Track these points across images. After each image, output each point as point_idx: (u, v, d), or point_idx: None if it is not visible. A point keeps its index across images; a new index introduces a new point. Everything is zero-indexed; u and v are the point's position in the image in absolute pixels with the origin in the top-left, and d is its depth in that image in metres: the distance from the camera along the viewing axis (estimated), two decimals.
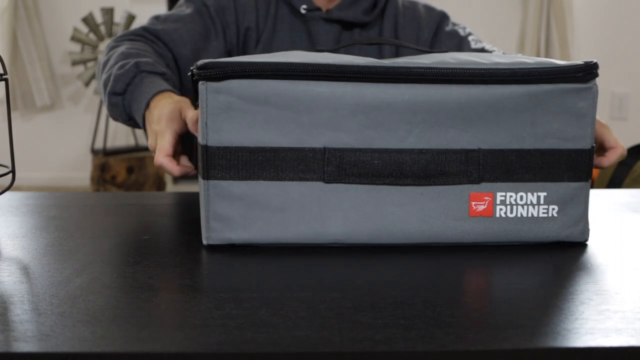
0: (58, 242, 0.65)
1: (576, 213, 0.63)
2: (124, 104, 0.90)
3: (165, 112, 0.77)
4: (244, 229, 0.61)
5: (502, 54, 1.02)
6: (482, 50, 1.07)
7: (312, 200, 0.61)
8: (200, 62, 0.60)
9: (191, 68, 0.62)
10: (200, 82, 0.60)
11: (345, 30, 1.10)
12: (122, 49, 0.95)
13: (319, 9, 1.09)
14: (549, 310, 0.48)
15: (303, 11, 1.08)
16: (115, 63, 0.92)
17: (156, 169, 0.81)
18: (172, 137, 0.75)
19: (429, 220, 0.62)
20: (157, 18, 1.06)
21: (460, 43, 1.09)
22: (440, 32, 1.11)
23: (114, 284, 0.53)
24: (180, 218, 0.75)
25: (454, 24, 1.13)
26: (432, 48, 1.10)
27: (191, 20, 1.05)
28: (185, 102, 0.77)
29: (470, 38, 1.10)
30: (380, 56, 1.09)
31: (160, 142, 0.75)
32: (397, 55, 1.09)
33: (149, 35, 1.03)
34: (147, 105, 0.82)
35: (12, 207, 0.79)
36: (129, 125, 0.92)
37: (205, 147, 0.60)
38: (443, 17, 1.13)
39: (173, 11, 1.08)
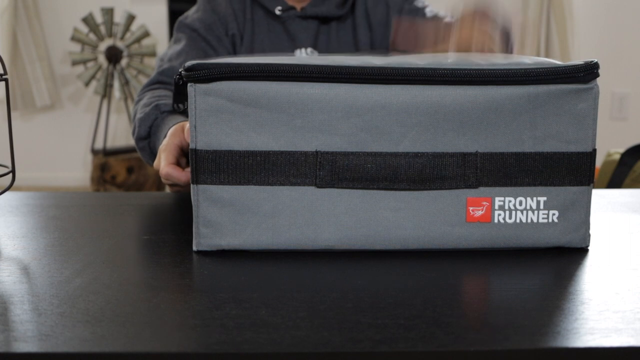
0: (58, 242, 0.65)
1: (577, 218, 0.62)
2: (150, 146, 0.97)
3: (169, 132, 0.80)
4: (234, 234, 0.60)
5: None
6: (435, 17, 1.12)
7: (304, 206, 0.60)
8: (189, 63, 0.59)
9: (179, 70, 0.61)
10: (188, 84, 0.58)
11: (322, 24, 1.14)
12: (144, 100, 1.02)
13: (293, 8, 1.13)
14: (548, 310, 0.48)
15: (278, 12, 1.12)
16: (139, 112, 1.00)
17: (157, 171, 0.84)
18: (174, 149, 0.78)
19: (425, 226, 0.61)
20: (162, 59, 1.13)
21: (415, 16, 1.14)
22: (403, 11, 1.15)
23: (114, 284, 0.53)
24: (181, 218, 0.75)
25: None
26: None
27: (189, 49, 1.11)
28: None
29: (427, 10, 1.14)
30: (356, 47, 1.14)
31: (163, 155, 0.77)
32: (371, 43, 1.12)
33: (164, 77, 1.09)
34: (165, 137, 0.84)
35: (12, 207, 0.79)
36: None
37: (194, 151, 0.59)
38: None
39: (172, 47, 1.15)
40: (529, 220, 0.61)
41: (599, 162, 3.12)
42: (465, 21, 0.94)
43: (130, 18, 3.27)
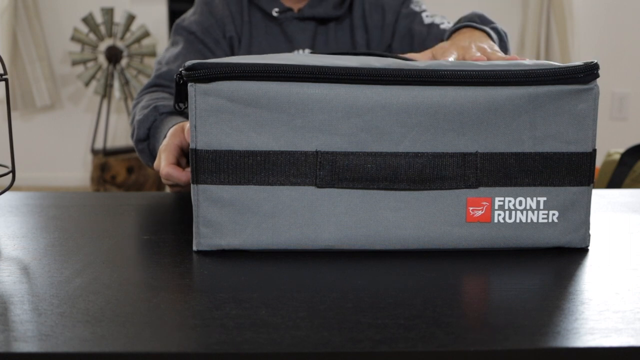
0: (58, 242, 0.65)
1: (577, 218, 0.62)
2: (149, 148, 0.97)
3: (169, 132, 0.80)
4: (234, 234, 0.60)
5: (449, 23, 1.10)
6: (432, 24, 1.12)
7: (304, 205, 0.60)
8: (188, 63, 0.59)
9: (180, 69, 0.61)
10: (189, 84, 0.58)
11: (320, 25, 1.14)
12: (142, 103, 1.02)
13: (290, 9, 1.13)
14: (548, 310, 0.48)
15: (275, 14, 1.12)
16: (138, 114, 1.00)
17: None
18: (174, 149, 0.78)
19: (425, 226, 0.61)
20: (159, 62, 1.12)
21: (412, 21, 1.13)
22: (400, 15, 1.14)
23: (114, 284, 0.53)
24: (181, 218, 0.75)
25: (415, 2, 1.17)
26: (394, 31, 1.14)
27: (186, 52, 1.11)
28: None
29: (423, 15, 1.14)
30: (353, 48, 1.14)
31: (163, 155, 0.77)
32: (367, 45, 1.12)
33: (162, 80, 1.09)
34: (164, 137, 0.84)
35: (12, 207, 0.79)
36: None
37: (195, 151, 0.59)
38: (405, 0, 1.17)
39: (169, 50, 1.15)
40: (529, 221, 0.61)
41: (599, 162, 3.12)
42: (462, 32, 0.94)
43: (130, 18, 3.27)
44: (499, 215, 0.61)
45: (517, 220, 0.61)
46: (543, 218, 0.62)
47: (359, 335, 0.44)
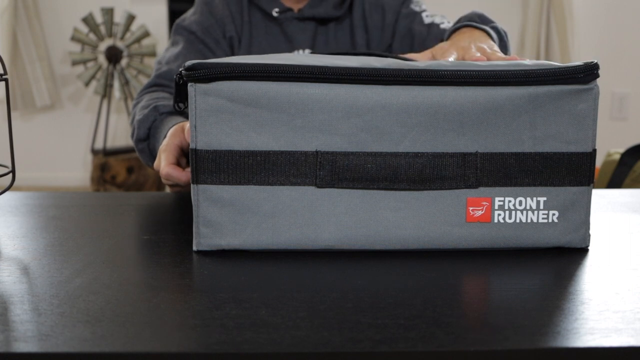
0: (58, 242, 0.65)
1: (577, 218, 0.62)
2: (149, 148, 0.97)
3: (169, 132, 0.80)
4: (234, 234, 0.60)
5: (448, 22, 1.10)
6: (432, 24, 1.12)
7: (304, 206, 0.60)
8: (189, 62, 0.59)
9: (180, 69, 0.61)
10: (189, 84, 0.58)
11: (320, 25, 1.14)
12: (142, 102, 1.02)
13: (290, 9, 1.13)
14: (548, 310, 0.48)
15: (275, 14, 1.12)
16: (138, 114, 1.00)
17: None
18: (174, 149, 0.78)
19: (425, 226, 0.61)
20: (159, 62, 1.12)
21: (412, 21, 1.13)
22: (400, 15, 1.15)
23: (114, 284, 0.54)
24: (181, 218, 0.75)
25: (415, 2, 1.17)
26: (394, 31, 1.14)
27: (187, 52, 1.11)
28: None
29: (423, 14, 1.14)
30: (353, 49, 1.14)
31: (163, 155, 0.77)
32: (367, 45, 1.12)
33: (162, 80, 1.09)
34: (164, 137, 0.84)
35: (12, 207, 0.79)
36: None
37: (195, 151, 0.59)
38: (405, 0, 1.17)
39: (169, 50, 1.15)
40: (529, 221, 0.61)
41: (599, 162, 3.12)
42: (462, 32, 0.94)
43: (130, 18, 3.27)
44: (499, 215, 0.61)
45: (517, 220, 0.61)
46: (543, 218, 0.62)
47: (359, 335, 0.44)
